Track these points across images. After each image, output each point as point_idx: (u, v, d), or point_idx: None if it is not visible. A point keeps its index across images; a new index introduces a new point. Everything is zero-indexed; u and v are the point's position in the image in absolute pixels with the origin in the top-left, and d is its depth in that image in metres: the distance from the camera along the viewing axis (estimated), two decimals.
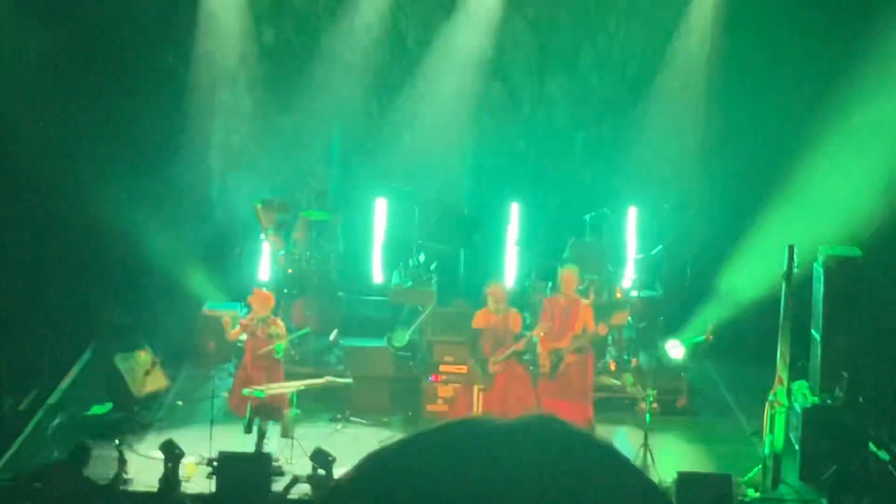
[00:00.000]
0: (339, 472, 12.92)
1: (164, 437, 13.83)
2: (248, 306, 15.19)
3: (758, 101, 18.21)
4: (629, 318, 16.20)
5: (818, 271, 15.01)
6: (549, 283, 16.61)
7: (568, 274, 15.03)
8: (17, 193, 17.73)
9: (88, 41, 17.92)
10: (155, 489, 13.05)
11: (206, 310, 17.29)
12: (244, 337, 14.65)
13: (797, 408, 14.55)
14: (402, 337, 16.13)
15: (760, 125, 18.28)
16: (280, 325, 14.57)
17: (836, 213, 16.41)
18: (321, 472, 12.92)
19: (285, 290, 16.97)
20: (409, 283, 17.17)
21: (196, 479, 13.45)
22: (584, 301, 15.09)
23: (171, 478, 12.92)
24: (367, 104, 19.13)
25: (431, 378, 15.57)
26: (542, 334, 14.79)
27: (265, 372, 14.24)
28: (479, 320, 14.93)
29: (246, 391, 13.90)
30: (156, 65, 18.46)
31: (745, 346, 16.78)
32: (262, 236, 17.44)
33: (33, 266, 17.73)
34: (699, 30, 18.75)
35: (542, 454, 1.60)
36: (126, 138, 18.29)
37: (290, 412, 14.06)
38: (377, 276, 18.17)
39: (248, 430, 14.00)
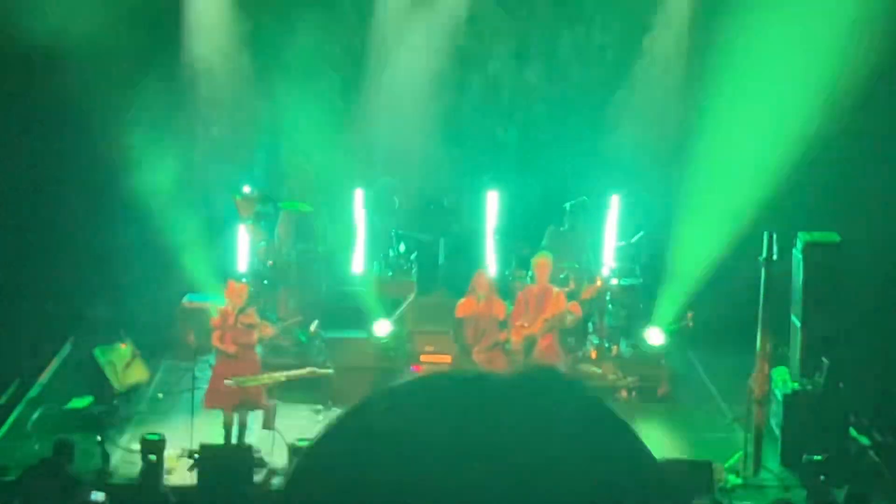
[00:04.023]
0: None
1: (144, 429, 13.82)
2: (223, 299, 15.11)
3: (737, 89, 18.20)
4: (599, 287, 16.10)
5: (797, 257, 15.04)
6: (529, 273, 16.61)
7: (541, 261, 15.03)
8: None
9: (59, 31, 17.78)
10: (136, 482, 13.03)
11: (185, 302, 17.26)
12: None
13: (777, 394, 14.59)
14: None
15: (740, 112, 18.27)
16: (255, 316, 14.54)
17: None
18: None
19: (265, 282, 16.95)
20: (390, 274, 17.16)
21: (178, 471, 13.43)
22: (556, 289, 15.07)
23: (151, 471, 12.89)
24: (345, 94, 19.10)
25: (413, 368, 15.56)
26: (522, 325, 14.80)
27: (248, 364, 14.22)
28: (462, 309, 14.95)
29: (230, 381, 13.85)
30: (136, 55, 18.32)
31: (725, 332, 16.81)
32: (242, 227, 17.42)
33: (12, 259, 17.65)
34: (678, 17, 18.78)
35: (538, 411, 1.58)
36: (104, 130, 18.20)
37: (272, 403, 14.05)
38: (357, 266, 18.14)
39: (228, 430, 14.00)
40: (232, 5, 18.84)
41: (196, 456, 13.18)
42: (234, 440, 14.00)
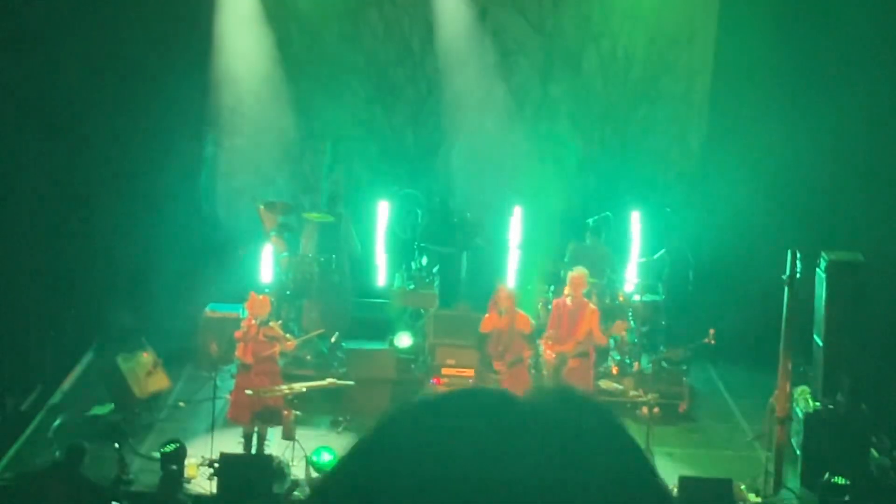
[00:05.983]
0: None
1: (165, 437, 13.85)
2: (246, 311, 15.15)
3: (760, 105, 18.19)
4: (629, 326, 16.12)
5: (821, 276, 15.00)
6: (552, 287, 16.59)
7: (577, 276, 15.01)
8: (19, 194, 17.73)
9: (93, 47, 17.84)
10: (155, 490, 13.05)
11: (208, 311, 17.28)
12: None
13: (799, 413, 14.53)
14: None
15: (763, 128, 18.25)
16: (278, 329, 14.58)
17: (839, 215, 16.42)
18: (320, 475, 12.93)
19: (288, 293, 16.97)
20: (412, 286, 17.18)
21: (197, 480, 13.46)
22: (592, 305, 15.05)
23: (171, 479, 12.91)
24: (370, 107, 19.14)
25: (433, 381, 15.56)
26: (550, 342, 14.77)
27: (268, 376, 14.25)
28: (485, 325, 14.90)
29: (250, 392, 13.89)
30: (163, 69, 18.36)
31: (747, 350, 16.77)
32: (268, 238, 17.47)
33: (36, 266, 17.72)
34: (703, 33, 18.75)
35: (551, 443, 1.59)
36: (130, 139, 18.28)
37: (292, 414, 14.06)
38: (379, 278, 18.18)
39: (248, 440, 14.04)
40: (259, 16, 18.88)
41: (216, 465, 13.21)
42: (253, 450, 14.03)
